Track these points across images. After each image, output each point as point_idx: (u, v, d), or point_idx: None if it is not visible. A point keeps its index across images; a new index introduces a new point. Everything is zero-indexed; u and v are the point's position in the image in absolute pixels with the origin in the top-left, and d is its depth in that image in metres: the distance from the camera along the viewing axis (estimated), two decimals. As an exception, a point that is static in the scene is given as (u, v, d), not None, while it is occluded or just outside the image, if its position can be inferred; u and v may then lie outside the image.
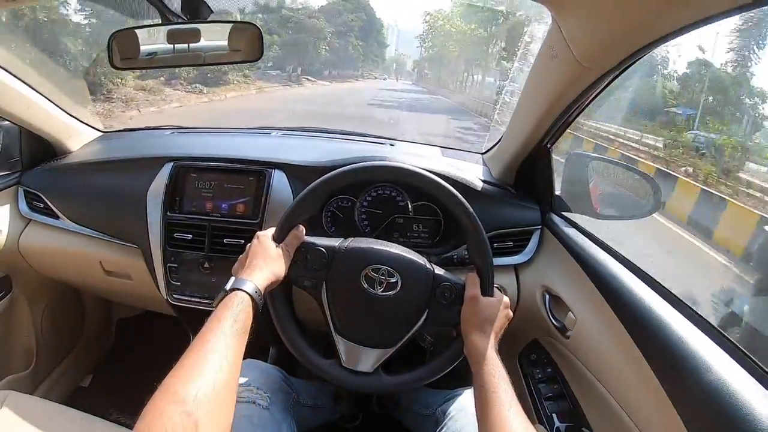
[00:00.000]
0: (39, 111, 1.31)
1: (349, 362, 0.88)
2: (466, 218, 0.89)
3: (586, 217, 1.15)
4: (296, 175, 1.19)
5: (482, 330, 0.83)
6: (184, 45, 1.11)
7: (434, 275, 0.89)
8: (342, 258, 0.88)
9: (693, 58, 18.56)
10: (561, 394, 1.09)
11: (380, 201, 1.19)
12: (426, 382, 0.89)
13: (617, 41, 0.73)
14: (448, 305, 0.88)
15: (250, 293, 0.75)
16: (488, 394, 0.73)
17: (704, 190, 7.65)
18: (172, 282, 1.18)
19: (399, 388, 0.90)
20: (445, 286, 0.88)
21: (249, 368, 0.98)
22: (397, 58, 67.31)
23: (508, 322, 0.88)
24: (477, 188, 1.20)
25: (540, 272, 1.16)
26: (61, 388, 1.63)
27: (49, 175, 1.36)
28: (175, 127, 1.63)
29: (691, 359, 0.70)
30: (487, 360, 0.78)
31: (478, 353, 0.80)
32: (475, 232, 0.88)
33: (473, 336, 0.82)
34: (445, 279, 0.89)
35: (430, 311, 0.88)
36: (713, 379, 0.66)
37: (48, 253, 1.38)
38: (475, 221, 0.88)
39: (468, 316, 0.86)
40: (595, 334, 0.94)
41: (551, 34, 0.85)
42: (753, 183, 8.31)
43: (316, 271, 0.88)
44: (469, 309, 0.86)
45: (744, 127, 12.69)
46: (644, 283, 0.89)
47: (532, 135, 1.07)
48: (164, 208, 1.18)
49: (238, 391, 0.91)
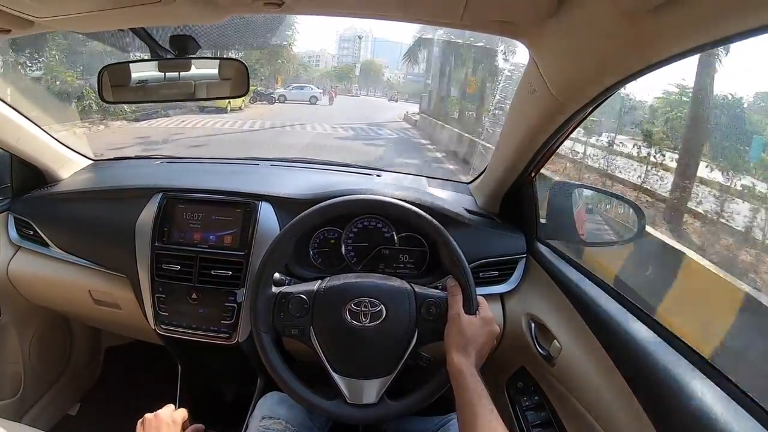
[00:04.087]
0: (30, 139, 1.32)
1: (353, 398, 0.88)
2: (436, 234, 0.91)
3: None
4: (284, 207, 1.20)
5: (464, 350, 0.83)
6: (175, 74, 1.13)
7: (416, 294, 0.90)
8: (322, 299, 0.89)
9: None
10: (548, 422, 1.08)
11: (366, 232, 1.19)
12: (433, 398, 0.89)
13: (591, 78, 0.75)
14: (436, 320, 0.89)
15: None
16: (469, 411, 0.75)
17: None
18: (160, 312, 1.18)
19: (408, 410, 0.90)
20: (429, 302, 0.89)
21: (273, 401, 1.02)
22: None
23: (494, 339, 0.89)
24: (462, 218, 1.21)
25: (525, 300, 1.17)
26: (49, 415, 1.61)
27: (39, 203, 1.36)
28: (165, 156, 1.64)
29: (675, 386, 0.71)
30: (468, 380, 0.79)
31: (459, 373, 0.81)
32: (446, 246, 0.90)
33: (455, 356, 0.83)
34: (428, 295, 0.90)
35: (420, 330, 0.89)
36: (698, 407, 0.67)
37: (37, 281, 1.37)
38: (445, 236, 0.90)
39: (451, 335, 0.86)
40: (580, 362, 0.94)
41: (529, 70, 0.87)
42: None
43: (300, 318, 0.89)
44: (452, 328, 0.86)
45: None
46: (629, 312, 0.90)
47: (515, 165, 1.09)
48: (153, 238, 1.19)
49: (267, 425, 0.96)
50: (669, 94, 7.63)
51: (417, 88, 46.42)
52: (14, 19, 0.77)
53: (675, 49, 0.59)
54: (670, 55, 0.60)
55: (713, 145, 5.84)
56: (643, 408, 0.74)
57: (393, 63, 56.45)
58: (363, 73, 52.44)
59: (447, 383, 0.87)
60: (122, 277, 1.24)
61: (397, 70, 54.96)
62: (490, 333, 0.88)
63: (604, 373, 0.86)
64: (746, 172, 5.14)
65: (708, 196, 5.13)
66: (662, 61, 0.63)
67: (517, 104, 1.00)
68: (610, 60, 0.68)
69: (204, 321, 1.17)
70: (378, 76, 54.10)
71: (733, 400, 0.67)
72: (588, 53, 0.70)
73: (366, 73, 52.82)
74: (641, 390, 0.76)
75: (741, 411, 0.65)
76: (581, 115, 0.88)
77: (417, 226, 0.94)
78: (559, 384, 1.03)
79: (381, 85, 52.82)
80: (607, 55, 0.68)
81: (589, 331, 0.93)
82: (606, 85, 0.75)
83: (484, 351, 0.87)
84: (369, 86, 51.87)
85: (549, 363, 1.04)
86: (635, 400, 0.76)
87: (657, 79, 9.84)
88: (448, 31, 16.85)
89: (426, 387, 0.90)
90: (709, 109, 5.75)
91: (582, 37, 0.68)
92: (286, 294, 0.90)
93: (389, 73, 54.63)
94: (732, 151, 5.59)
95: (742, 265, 3.90)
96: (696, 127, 5.84)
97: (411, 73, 57.24)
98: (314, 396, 0.89)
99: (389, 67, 55.75)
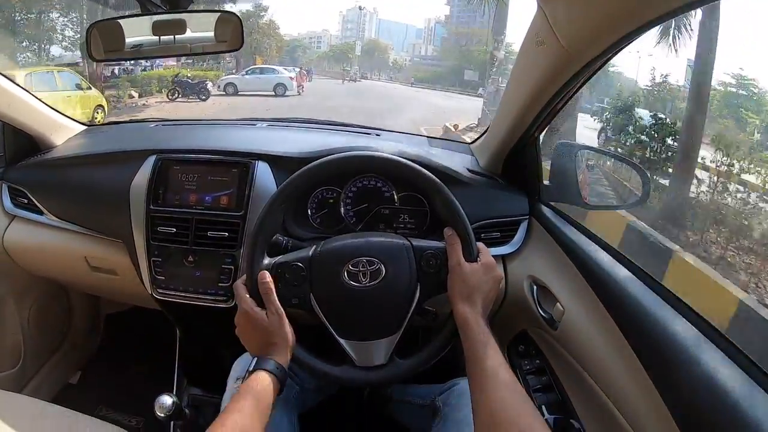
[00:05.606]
0: (22, 105, 1.30)
1: (362, 361, 0.87)
2: (429, 185, 0.89)
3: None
4: (280, 166, 1.18)
5: (469, 299, 0.82)
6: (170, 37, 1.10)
7: (414, 247, 0.88)
8: (319, 264, 0.87)
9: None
10: (549, 386, 1.08)
11: (365, 192, 1.17)
12: (443, 352, 0.88)
13: (603, 27, 0.72)
14: (437, 272, 0.87)
15: (273, 371, 0.77)
16: (476, 361, 0.75)
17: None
18: (156, 276, 1.17)
19: (419, 366, 0.88)
20: (428, 254, 0.87)
21: (248, 362, 0.99)
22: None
23: (499, 285, 0.88)
24: (463, 178, 1.19)
25: (527, 263, 1.15)
26: (50, 385, 1.62)
27: (32, 171, 1.34)
28: (160, 119, 1.62)
29: (679, 351, 0.70)
30: (474, 329, 0.79)
31: (465, 323, 0.80)
32: (440, 194, 0.89)
33: (461, 306, 0.82)
34: (426, 247, 0.88)
35: (422, 283, 0.87)
36: (702, 372, 0.66)
37: (33, 250, 1.36)
38: (439, 186, 0.89)
39: (453, 285, 0.85)
40: (583, 325, 0.93)
41: (536, 21, 0.83)
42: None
43: (298, 286, 0.86)
44: (454, 278, 0.85)
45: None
46: (633, 274, 0.88)
47: (519, 123, 1.06)
48: (148, 201, 1.17)
49: (237, 386, 0.92)
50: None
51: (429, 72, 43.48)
52: None
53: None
54: (687, 2, 0.57)
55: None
56: (647, 372, 0.73)
57: (398, 46, 53.02)
58: (366, 54, 47.92)
59: (456, 335, 0.85)
60: (118, 242, 1.22)
61: (403, 52, 51.65)
62: (494, 279, 0.86)
63: (608, 336, 0.85)
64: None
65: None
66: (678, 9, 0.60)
67: (523, 58, 0.96)
68: (625, 6, 0.65)
69: (201, 284, 1.15)
70: (383, 57, 48.97)
71: (739, 367, 0.66)
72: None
73: (369, 54, 48.26)
74: (645, 354, 0.75)
75: (747, 378, 0.64)
76: (591, 69, 0.85)
77: (410, 180, 0.92)
78: (561, 348, 1.02)
79: (386, 68, 47.77)
80: (622, 2, 0.64)
81: (593, 294, 0.91)
82: (621, 34, 0.71)
83: (490, 297, 0.85)
84: (373, 69, 45.57)
85: (551, 326, 1.03)
86: (639, 364, 0.75)
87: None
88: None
89: (435, 340, 0.89)
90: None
91: None
92: (282, 263, 0.87)
93: (395, 55, 50.20)
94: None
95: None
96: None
97: (418, 56, 55.52)
98: (322, 363, 0.88)
99: (394, 50, 51.27)
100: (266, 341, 0.82)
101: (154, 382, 1.30)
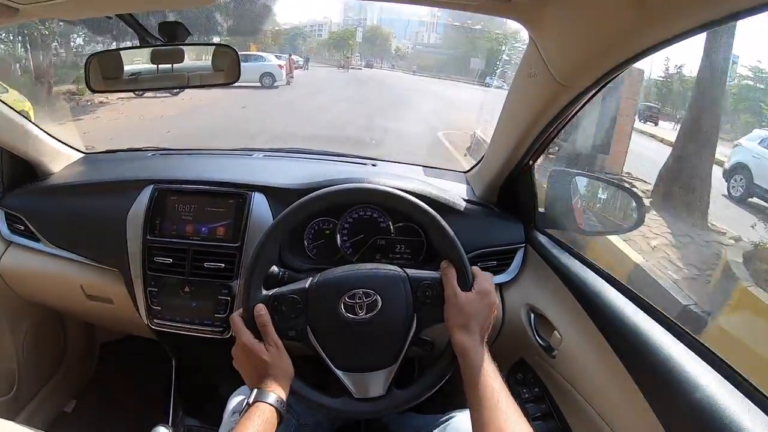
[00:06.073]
0: (20, 132, 1.30)
1: (359, 392, 0.86)
2: (423, 215, 0.89)
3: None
4: (277, 197, 1.18)
5: (466, 328, 0.82)
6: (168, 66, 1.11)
7: (410, 278, 0.88)
8: (315, 296, 0.87)
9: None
10: (549, 414, 1.07)
11: (361, 223, 1.18)
12: (441, 382, 0.87)
13: (593, 59, 0.73)
14: (433, 302, 0.87)
15: (273, 404, 0.76)
16: (476, 390, 0.75)
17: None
18: (152, 306, 1.16)
19: (418, 397, 0.88)
20: (425, 285, 0.87)
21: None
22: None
23: (495, 310, 0.87)
24: (459, 207, 1.20)
25: (524, 291, 1.15)
26: (44, 413, 1.59)
27: (29, 197, 1.34)
28: (157, 148, 1.62)
29: (678, 377, 0.70)
30: (473, 357, 0.79)
31: (464, 353, 0.80)
32: (433, 224, 0.89)
33: (459, 336, 0.82)
34: (422, 278, 0.88)
35: (419, 314, 0.87)
36: (701, 397, 0.65)
37: (29, 277, 1.36)
38: (432, 215, 0.89)
39: (450, 316, 0.84)
40: (581, 353, 0.93)
41: (529, 53, 0.85)
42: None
43: (295, 318, 0.86)
44: (450, 308, 0.85)
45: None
46: (630, 301, 0.88)
47: (514, 153, 1.07)
48: (144, 231, 1.17)
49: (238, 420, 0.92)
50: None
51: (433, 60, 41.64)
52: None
53: (683, 26, 0.57)
54: (678, 32, 0.59)
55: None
56: (646, 399, 0.73)
57: (401, 34, 50.84)
58: (367, 41, 45.78)
59: (453, 365, 0.85)
60: (114, 272, 1.22)
61: (405, 40, 49.88)
62: (490, 305, 0.86)
63: (606, 364, 0.84)
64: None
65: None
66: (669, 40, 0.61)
67: (516, 89, 0.98)
68: (614, 39, 0.66)
69: (197, 315, 1.15)
70: (385, 45, 45.99)
71: (739, 391, 0.66)
72: (591, 32, 0.68)
73: (371, 42, 46.08)
74: (644, 381, 0.75)
75: (747, 402, 0.64)
76: (583, 99, 0.86)
77: (405, 211, 0.92)
78: (560, 376, 1.02)
79: (389, 55, 45.24)
80: (611, 34, 0.66)
81: (590, 321, 0.91)
82: (610, 66, 0.73)
83: (488, 324, 0.85)
84: (375, 57, 41.51)
85: (549, 354, 1.03)
86: (638, 391, 0.75)
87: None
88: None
89: (432, 371, 0.88)
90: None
91: (585, 16, 0.66)
92: (278, 296, 0.87)
93: (397, 43, 47.96)
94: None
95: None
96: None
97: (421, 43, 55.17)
98: (319, 395, 0.87)
99: (397, 37, 48.70)
100: (265, 374, 0.81)
101: (149, 411, 1.29)
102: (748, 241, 3.50)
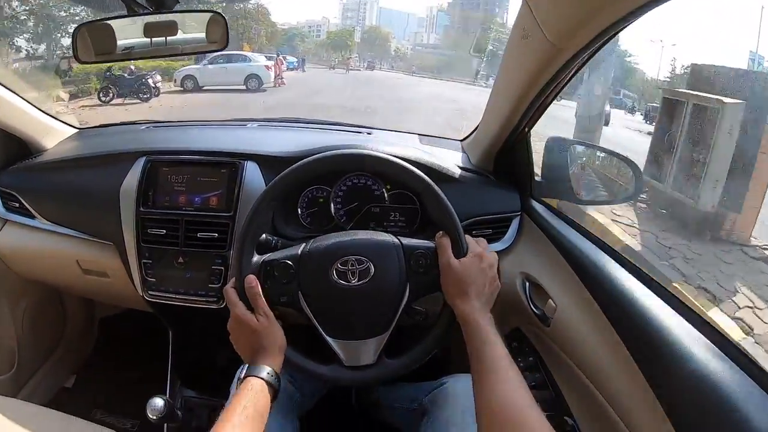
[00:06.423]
0: (12, 109, 1.29)
1: (350, 360, 0.86)
2: (417, 182, 0.88)
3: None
4: (269, 166, 1.17)
5: (465, 296, 0.82)
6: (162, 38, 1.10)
7: (403, 247, 0.87)
8: (307, 262, 0.86)
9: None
10: (543, 383, 1.07)
11: (355, 190, 1.17)
12: (431, 353, 0.87)
13: (588, 18, 0.71)
14: (426, 272, 0.86)
15: (263, 377, 0.76)
16: (477, 359, 0.75)
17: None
18: (147, 278, 1.17)
19: (408, 367, 0.88)
20: (418, 253, 0.87)
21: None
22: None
23: (494, 273, 0.87)
24: (454, 175, 1.18)
25: (520, 259, 1.14)
26: (45, 389, 1.62)
27: (24, 175, 1.34)
28: (151, 121, 1.61)
29: (673, 348, 0.69)
30: (473, 326, 0.78)
31: (465, 322, 0.80)
32: (428, 191, 0.88)
33: (458, 305, 0.82)
34: (416, 247, 0.87)
35: (411, 283, 0.86)
36: (696, 368, 0.65)
37: (25, 254, 1.36)
38: (427, 183, 0.88)
39: (447, 285, 0.84)
40: (575, 322, 0.93)
41: (522, 15, 0.83)
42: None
43: (287, 284, 0.86)
44: (446, 278, 0.84)
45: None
46: (625, 270, 0.87)
47: (509, 119, 1.05)
48: (137, 203, 1.16)
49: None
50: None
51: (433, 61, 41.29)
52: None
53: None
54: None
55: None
56: (639, 368, 0.72)
57: (400, 34, 51.25)
58: (366, 42, 45.74)
59: (444, 336, 0.85)
60: (109, 245, 1.22)
61: (404, 41, 49.85)
62: (485, 269, 0.85)
63: (600, 333, 0.84)
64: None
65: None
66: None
67: (510, 53, 0.95)
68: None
69: (192, 285, 1.15)
70: (384, 45, 45.89)
71: (733, 362, 0.65)
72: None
73: (370, 42, 45.95)
74: (637, 351, 0.74)
75: (740, 373, 0.63)
76: (578, 61, 0.84)
77: (400, 178, 0.91)
78: (554, 344, 1.01)
79: (388, 56, 45.01)
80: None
81: (585, 290, 0.91)
82: (604, 26, 0.70)
83: (487, 288, 0.85)
84: (374, 58, 41.51)
85: (544, 323, 1.02)
86: (631, 360, 0.74)
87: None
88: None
89: (424, 341, 0.88)
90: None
91: None
92: (270, 261, 0.87)
93: (396, 44, 47.94)
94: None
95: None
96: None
97: (420, 44, 54.63)
98: (310, 363, 0.87)
99: (396, 38, 48.90)
100: (257, 345, 0.81)
101: (148, 384, 1.30)
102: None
